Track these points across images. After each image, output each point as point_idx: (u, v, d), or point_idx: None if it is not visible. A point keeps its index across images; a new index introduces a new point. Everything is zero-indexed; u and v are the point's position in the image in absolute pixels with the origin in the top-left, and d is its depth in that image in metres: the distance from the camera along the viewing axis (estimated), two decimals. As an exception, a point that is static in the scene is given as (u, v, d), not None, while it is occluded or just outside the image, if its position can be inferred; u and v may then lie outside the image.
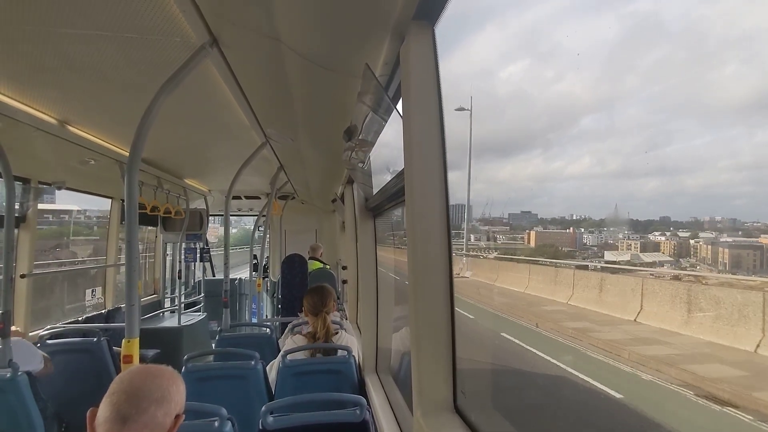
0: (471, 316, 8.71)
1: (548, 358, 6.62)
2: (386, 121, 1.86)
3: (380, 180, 2.53)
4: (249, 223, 17.78)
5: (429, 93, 1.27)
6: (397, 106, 1.61)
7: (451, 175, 1.30)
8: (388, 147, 2.19)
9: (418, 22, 1.23)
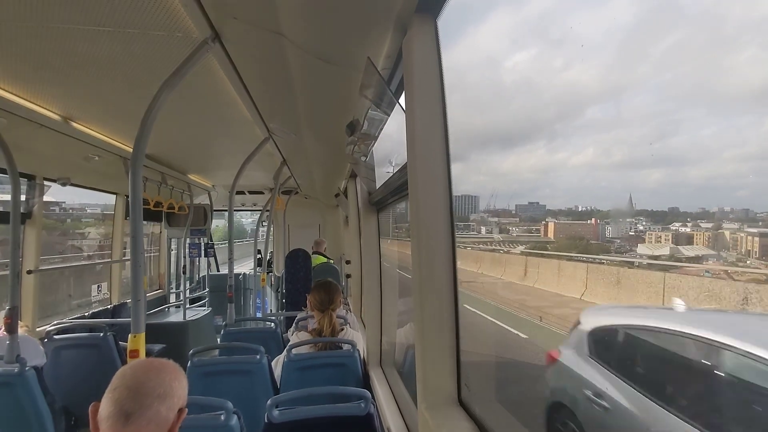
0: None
1: None
2: (389, 115, 1.85)
3: (383, 174, 2.53)
4: (245, 217, 17.85)
5: (431, 86, 1.26)
6: (400, 100, 1.60)
7: (456, 167, 1.29)
8: (391, 141, 2.19)
9: (421, 15, 1.22)
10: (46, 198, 3.99)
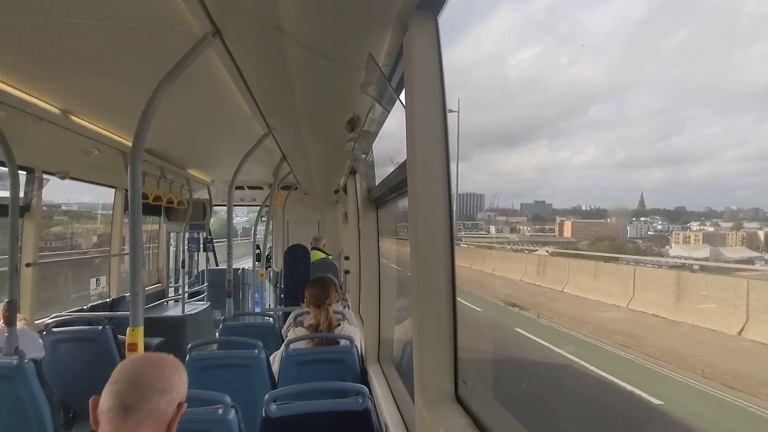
0: None
1: None
2: (389, 112, 1.85)
3: (383, 171, 2.52)
4: (240, 215, 17.78)
5: (432, 83, 1.26)
6: (400, 97, 1.60)
7: (459, 166, 1.29)
8: (391, 138, 2.19)
9: (422, 12, 1.22)
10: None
